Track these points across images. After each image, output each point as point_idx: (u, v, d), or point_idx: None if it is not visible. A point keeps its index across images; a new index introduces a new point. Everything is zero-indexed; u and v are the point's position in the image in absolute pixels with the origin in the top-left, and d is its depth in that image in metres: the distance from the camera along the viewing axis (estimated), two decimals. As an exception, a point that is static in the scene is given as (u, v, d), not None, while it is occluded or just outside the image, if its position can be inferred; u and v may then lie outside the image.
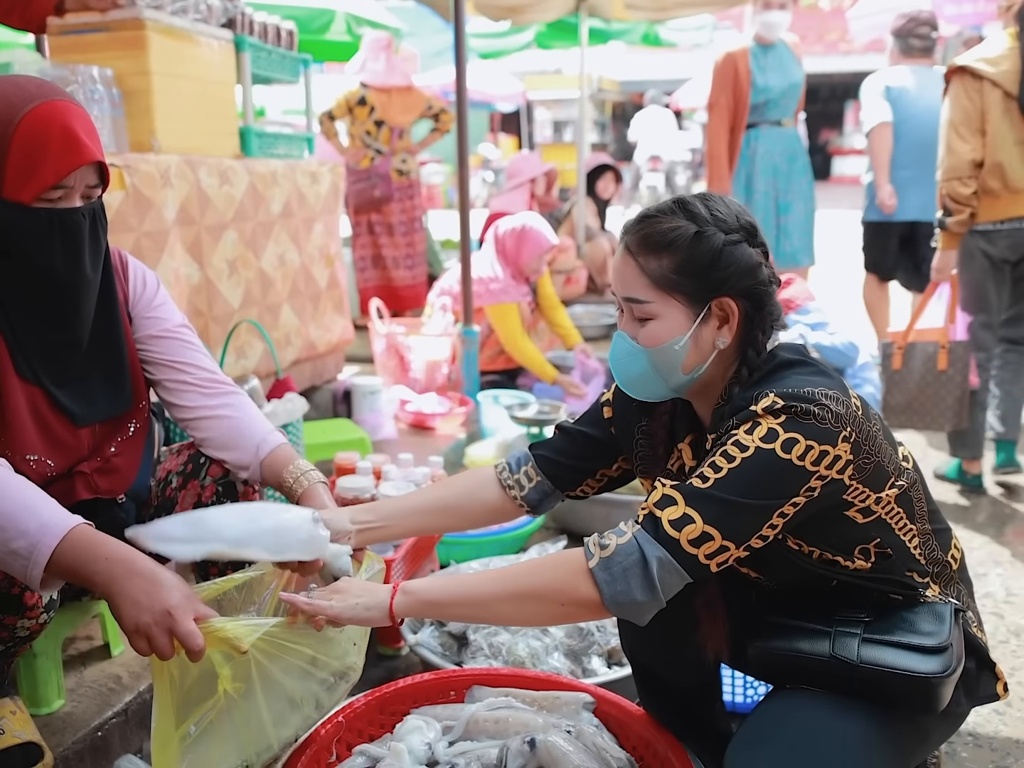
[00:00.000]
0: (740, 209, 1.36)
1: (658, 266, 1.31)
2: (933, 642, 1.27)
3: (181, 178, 2.75)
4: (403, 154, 5.80)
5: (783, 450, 1.22)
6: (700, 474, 1.26)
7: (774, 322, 1.36)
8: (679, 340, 1.32)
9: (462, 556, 2.60)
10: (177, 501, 1.72)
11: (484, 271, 4.18)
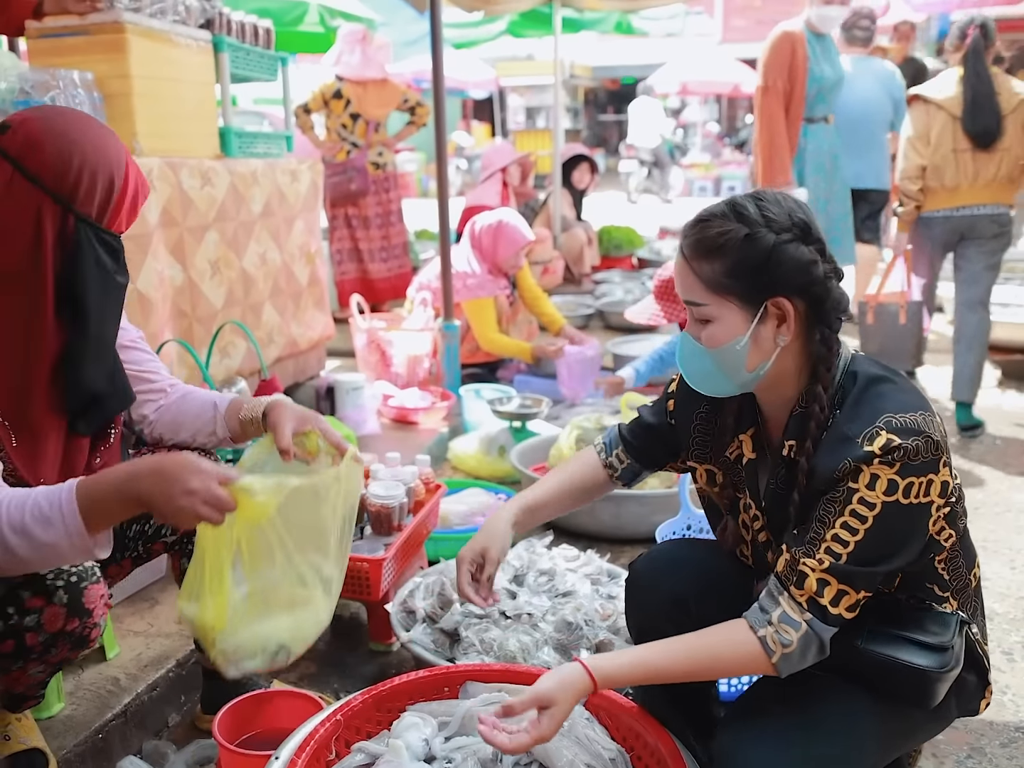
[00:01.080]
0: (794, 206, 1.34)
1: (711, 270, 1.33)
2: (935, 640, 1.32)
3: (163, 180, 2.76)
4: (379, 147, 5.80)
5: (905, 497, 1.26)
6: (836, 537, 1.28)
7: (839, 315, 1.36)
8: (739, 340, 1.34)
9: (450, 552, 2.64)
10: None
11: (461, 266, 4.21)
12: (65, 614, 1.39)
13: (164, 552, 1.82)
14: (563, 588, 2.12)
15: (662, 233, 8.81)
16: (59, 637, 1.39)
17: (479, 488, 2.98)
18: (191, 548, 1.73)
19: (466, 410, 3.88)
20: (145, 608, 2.21)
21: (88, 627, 1.42)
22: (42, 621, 1.38)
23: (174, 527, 1.74)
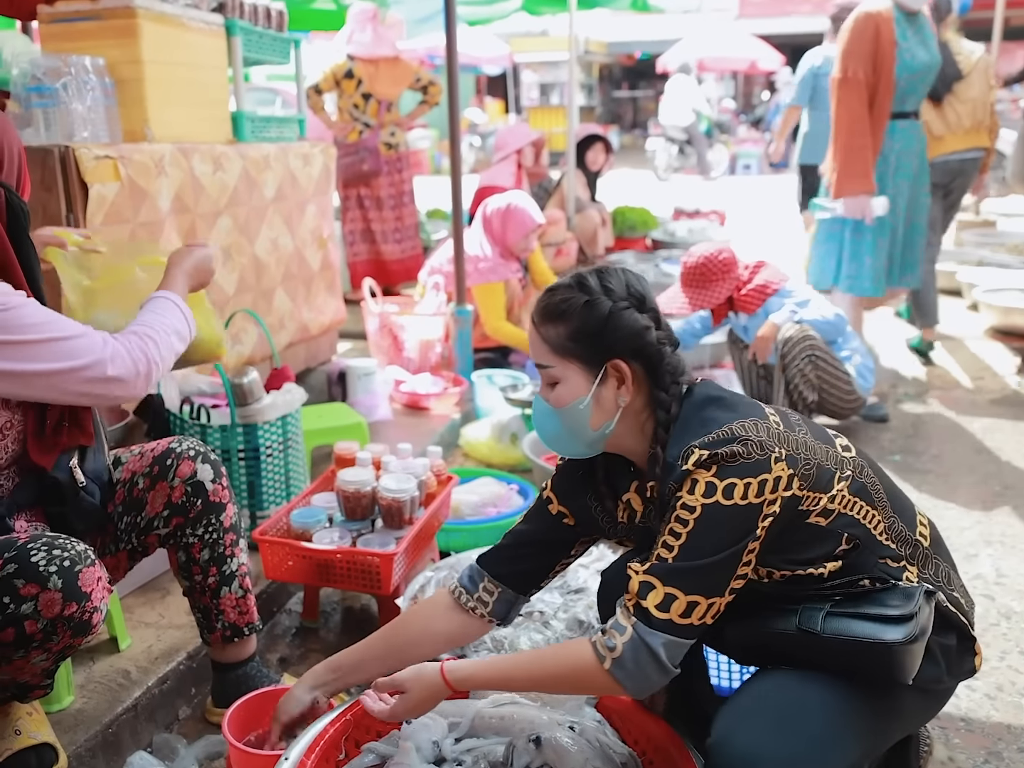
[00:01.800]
0: (633, 279, 1.46)
1: (556, 333, 1.43)
2: (896, 612, 1.32)
3: (175, 166, 2.73)
4: (391, 127, 5.75)
5: (726, 497, 1.31)
6: (663, 543, 1.34)
7: (676, 378, 1.44)
8: (582, 400, 1.43)
9: (461, 543, 2.64)
10: (147, 502, 1.77)
11: (473, 249, 4.18)
12: (62, 599, 1.37)
13: (159, 545, 1.82)
14: (575, 584, 2.10)
15: (677, 214, 8.72)
16: (58, 623, 1.38)
17: (491, 477, 2.97)
18: (185, 541, 1.77)
19: (478, 396, 3.86)
20: (156, 599, 2.22)
21: (87, 611, 1.40)
22: (39, 608, 1.36)
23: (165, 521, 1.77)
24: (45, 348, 1.46)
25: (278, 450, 2.47)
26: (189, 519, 1.78)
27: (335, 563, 2.12)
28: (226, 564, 1.83)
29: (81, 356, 1.49)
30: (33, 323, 1.45)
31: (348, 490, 2.20)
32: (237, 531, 1.87)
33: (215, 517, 1.81)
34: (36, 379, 1.46)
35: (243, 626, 1.87)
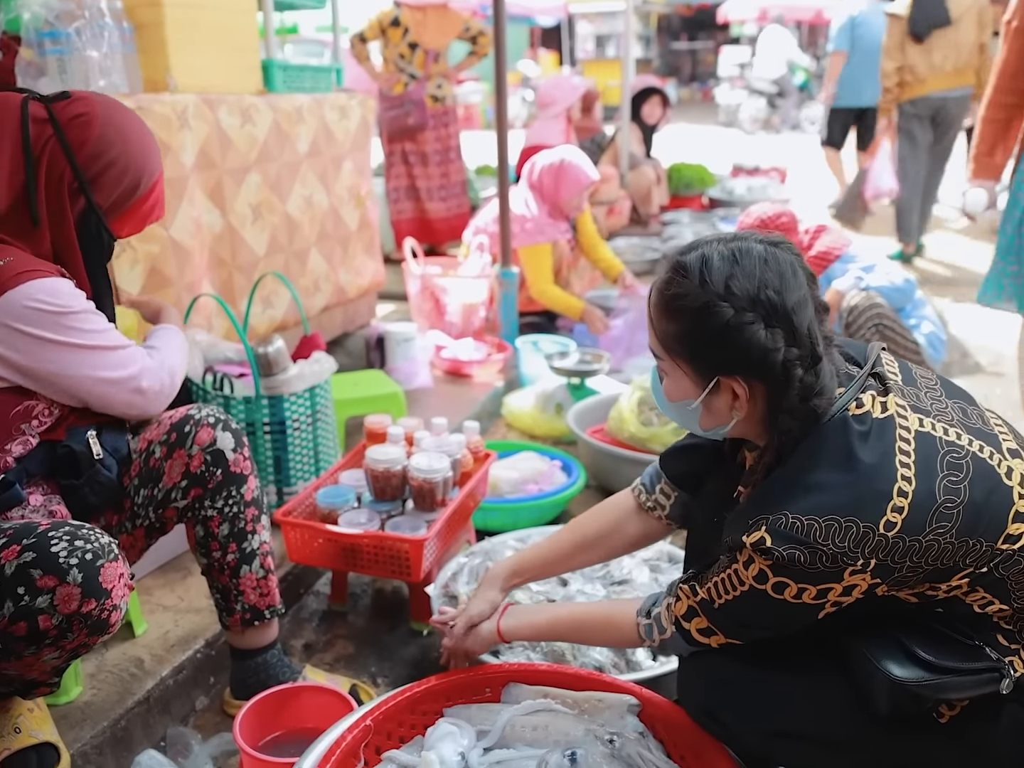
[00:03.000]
0: (772, 275, 1.19)
1: (665, 330, 1.26)
2: (930, 658, 1.19)
3: (199, 119, 2.58)
4: (438, 79, 5.53)
5: (775, 591, 1.20)
6: (715, 583, 1.28)
7: (809, 398, 1.21)
8: (690, 403, 1.29)
9: (498, 523, 2.49)
10: (164, 471, 1.66)
11: (519, 209, 3.98)
12: (80, 594, 1.26)
13: (177, 520, 1.70)
14: (619, 575, 1.94)
15: (735, 171, 8.37)
16: (75, 620, 1.27)
17: (533, 452, 2.81)
18: (204, 514, 1.66)
19: (523, 363, 3.68)
20: (177, 580, 2.10)
21: (106, 609, 1.29)
22: (55, 602, 1.25)
23: (183, 492, 1.67)
24: (100, 356, 1.48)
25: (306, 423, 2.33)
26: (208, 490, 1.66)
27: (362, 547, 1.98)
28: (247, 541, 1.71)
29: (128, 367, 1.53)
30: (92, 329, 1.47)
31: (377, 469, 2.05)
32: (259, 506, 1.74)
33: (236, 489, 1.69)
34: (83, 383, 1.48)
35: (264, 609, 1.74)
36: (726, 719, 1.34)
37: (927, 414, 1.22)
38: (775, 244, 1.23)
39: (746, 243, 1.22)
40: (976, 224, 6.01)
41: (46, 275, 1.42)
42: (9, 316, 1.38)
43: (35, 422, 1.47)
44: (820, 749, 1.29)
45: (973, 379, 3.81)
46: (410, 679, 1.91)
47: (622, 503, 1.62)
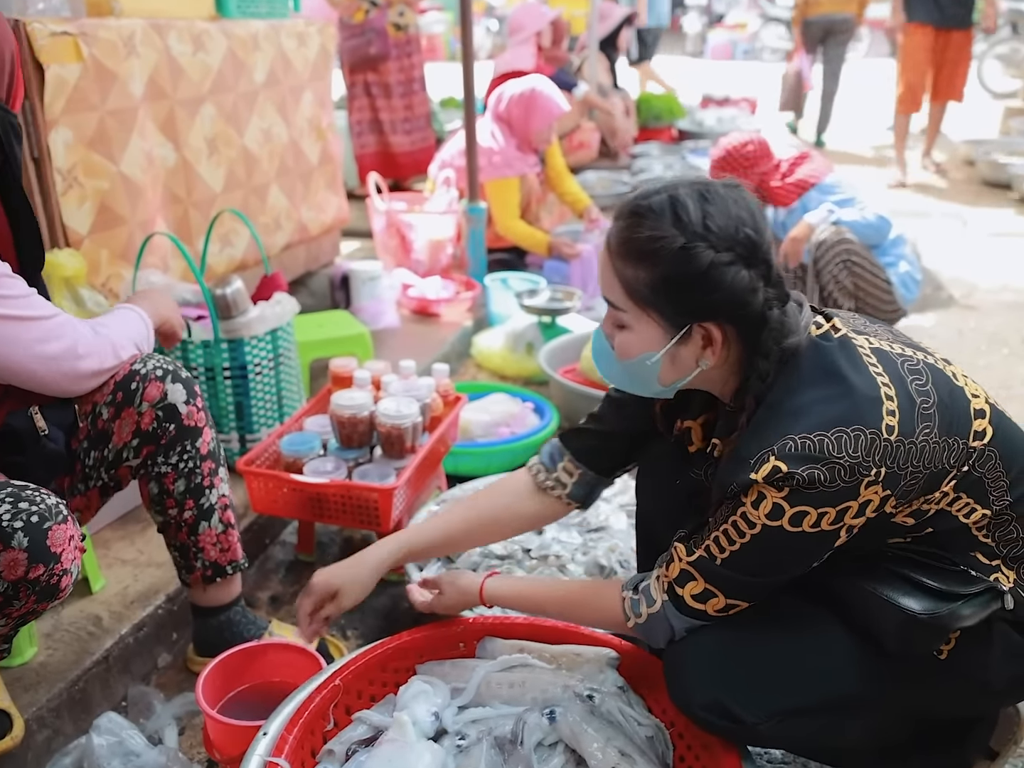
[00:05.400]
0: (746, 213, 1.14)
1: (635, 276, 1.16)
2: (935, 585, 1.17)
3: (148, 46, 2.41)
4: (400, 6, 5.29)
5: (792, 524, 1.12)
6: (714, 539, 1.19)
7: (781, 340, 1.16)
8: (651, 356, 1.20)
9: (470, 467, 2.43)
10: (112, 432, 1.57)
11: (486, 141, 3.84)
12: (27, 559, 1.19)
13: (132, 478, 1.62)
14: (595, 522, 1.89)
15: (705, 102, 8.22)
16: (21, 586, 1.20)
17: (504, 394, 2.74)
18: (156, 471, 1.58)
19: (492, 301, 3.59)
20: (136, 532, 2.02)
21: (55, 574, 1.22)
22: (0, 568, 1.17)
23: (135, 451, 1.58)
24: (24, 328, 1.35)
25: (268, 368, 2.23)
26: (161, 446, 1.57)
27: (329, 497, 1.91)
28: (204, 496, 1.63)
29: (61, 338, 1.40)
30: (8, 296, 1.33)
31: (343, 415, 1.97)
32: (216, 458, 1.65)
33: (190, 443, 1.60)
34: (11, 360, 1.35)
35: (225, 565, 1.67)
36: (733, 711, 1.19)
37: (869, 335, 1.22)
38: (734, 187, 1.18)
39: (710, 185, 1.17)
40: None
41: None
42: None
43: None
44: (830, 719, 1.24)
45: (948, 312, 3.80)
46: (382, 632, 1.87)
47: (518, 482, 1.52)
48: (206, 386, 2.20)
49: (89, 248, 2.24)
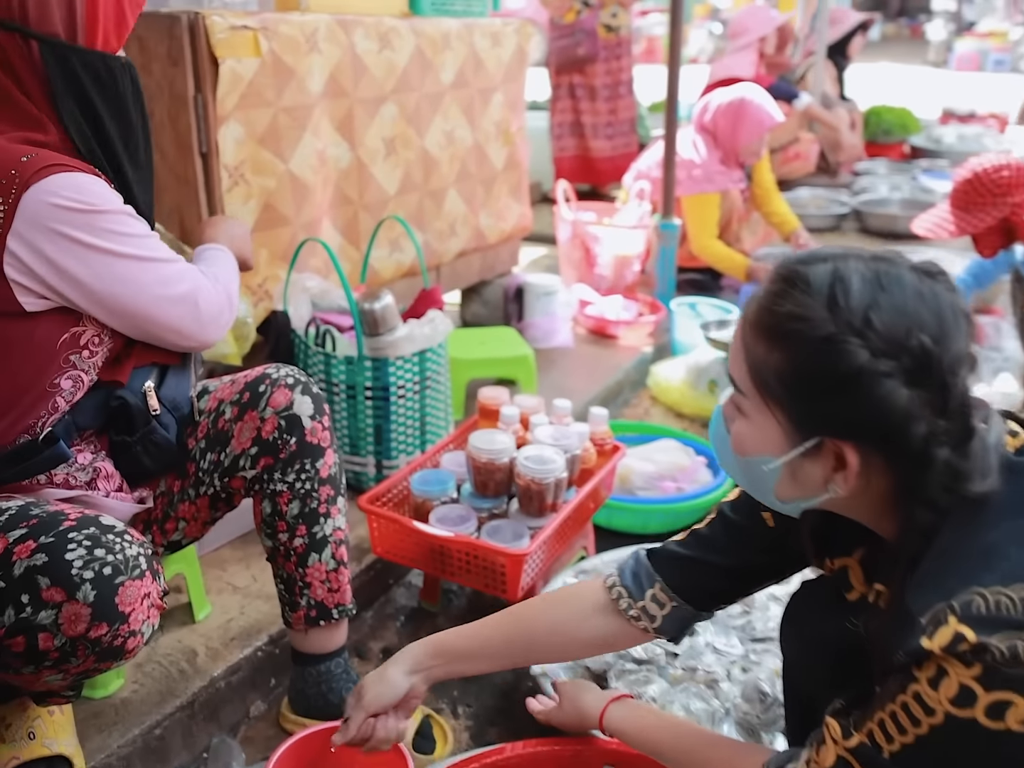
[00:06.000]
0: (933, 319, 0.85)
1: (764, 359, 0.91)
2: None
3: (331, 42, 2.30)
4: (614, 7, 5.06)
5: (991, 718, 0.78)
6: (880, 723, 0.86)
7: (952, 490, 0.86)
8: (768, 461, 0.94)
9: (625, 523, 2.16)
10: (232, 434, 1.44)
11: (687, 153, 3.52)
12: (89, 616, 1.05)
13: (245, 493, 1.48)
14: (761, 628, 1.57)
15: (945, 117, 7.43)
16: (80, 644, 1.06)
17: (675, 441, 2.44)
18: (271, 487, 1.43)
19: (676, 328, 3.28)
20: (255, 556, 1.89)
21: (121, 635, 1.08)
22: (60, 621, 1.05)
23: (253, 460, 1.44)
24: (147, 268, 1.25)
25: (412, 391, 2.06)
26: (279, 460, 1.43)
27: (452, 553, 1.70)
28: (318, 524, 1.46)
29: (180, 282, 1.31)
30: (132, 234, 1.24)
31: (479, 460, 1.76)
32: (336, 485, 1.48)
33: (311, 463, 1.44)
34: (133, 298, 1.25)
35: (331, 607, 1.50)
36: None
37: None
38: (931, 275, 0.90)
39: (894, 267, 0.89)
40: None
41: (72, 170, 1.18)
42: (32, 218, 1.14)
43: (85, 352, 1.26)
44: None
45: None
46: (497, 713, 1.64)
47: (585, 598, 1.25)
48: (346, 405, 2.06)
49: (248, 248, 2.15)
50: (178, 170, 2.07)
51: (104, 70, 1.25)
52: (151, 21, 1.98)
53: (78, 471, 1.30)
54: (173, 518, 1.48)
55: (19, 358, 1.20)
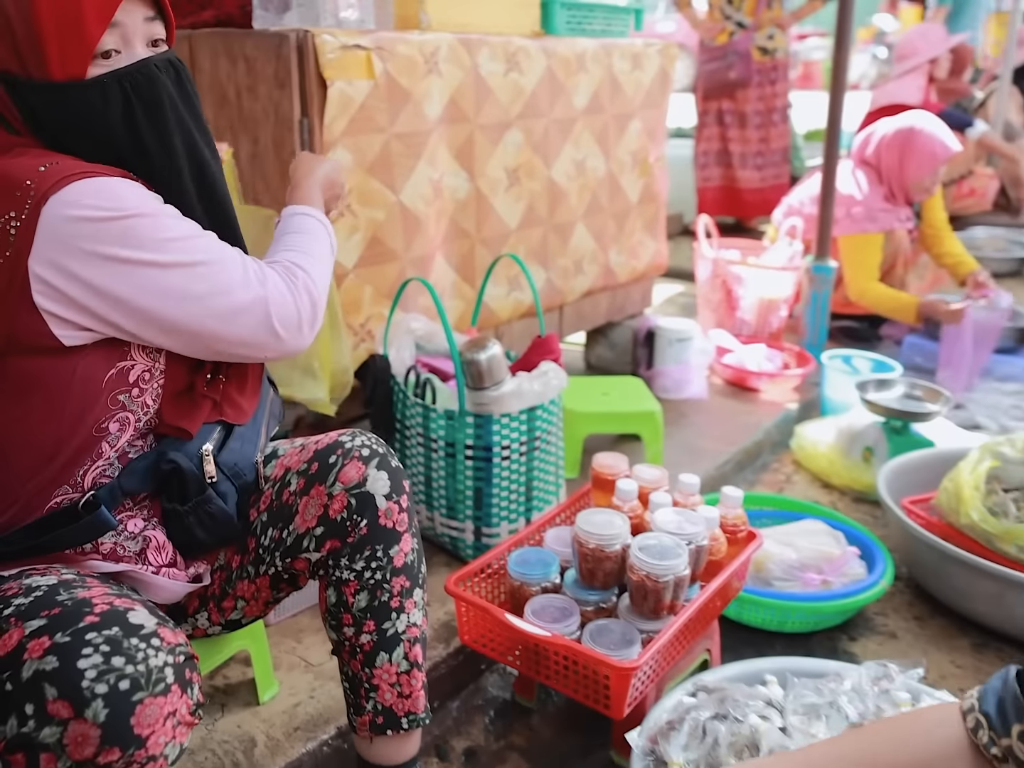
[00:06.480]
0: None
1: None
2: None
3: (453, 63, 2.12)
4: (770, 28, 4.73)
5: None
6: None
7: None
8: None
9: (758, 619, 1.85)
10: (297, 510, 1.24)
11: (847, 188, 3.17)
12: (99, 738, 0.86)
13: (309, 575, 1.28)
14: None
15: None
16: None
17: (822, 522, 2.10)
18: (337, 575, 1.23)
19: (827, 384, 2.92)
20: (333, 631, 1.70)
21: (136, 762, 0.89)
22: (65, 741, 0.86)
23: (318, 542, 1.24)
24: (187, 276, 1.06)
25: (518, 452, 1.82)
26: (347, 544, 1.22)
27: (549, 654, 1.45)
28: (389, 620, 1.24)
29: (240, 291, 1.11)
30: (170, 238, 1.05)
31: (587, 545, 1.50)
32: (414, 576, 1.26)
33: (383, 549, 1.22)
34: (175, 322, 1.07)
35: (401, 715, 1.27)
36: None
37: None
38: None
39: None
40: None
41: (97, 175, 1.01)
42: (55, 235, 0.98)
43: (135, 391, 1.10)
44: None
45: None
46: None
47: (939, 732, 0.93)
48: (444, 463, 1.85)
49: (352, 284, 1.98)
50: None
51: (72, 101, 1.04)
52: (259, 40, 1.85)
53: (127, 540, 1.14)
54: (231, 596, 1.30)
55: (60, 401, 1.05)
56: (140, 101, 1.07)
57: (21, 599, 0.93)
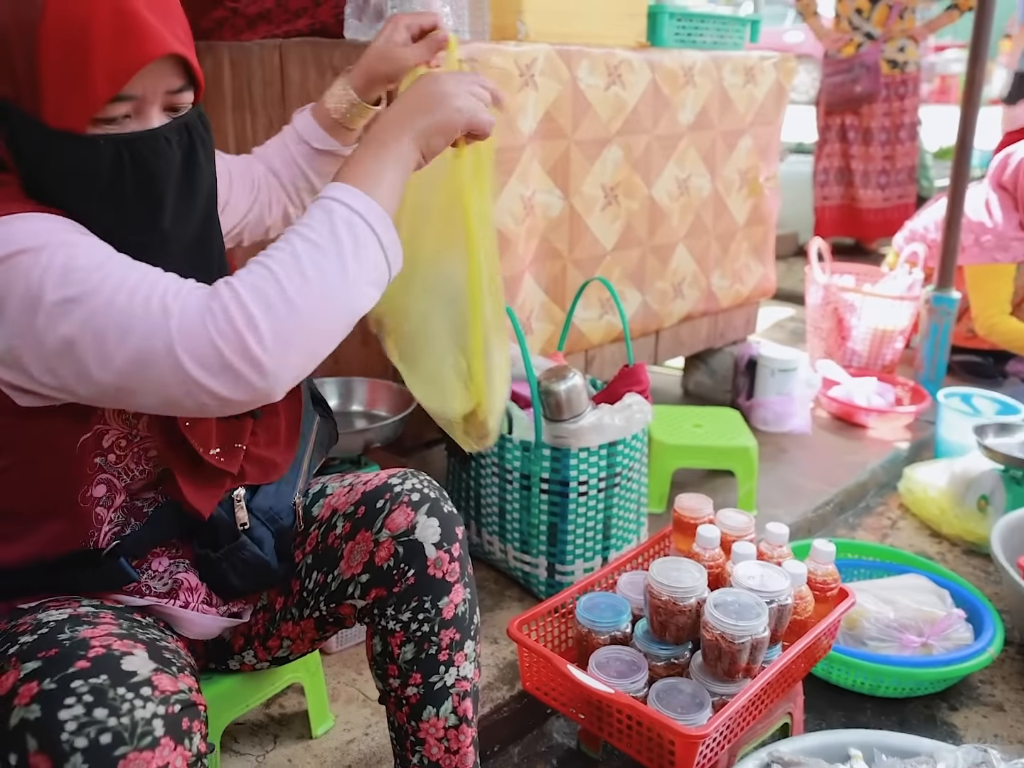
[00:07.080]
0: None
1: None
2: None
3: (550, 76, 2.05)
4: (902, 40, 4.49)
5: None
6: None
7: None
8: None
9: (849, 680, 1.71)
10: (342, 555, 1.18)
11: (977, 215, 2.94)
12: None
13: (355, 620, 1.22)
14: None
15: None
16: None
17: (926, 578, 1.93)
18: (382, 624, 1.16)
19: (943, 424, 2.72)
20: (394, 663, 1.65)
21: None
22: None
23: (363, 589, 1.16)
24: (102, 315, 0.84)
25: (596, 488, 1.74)
26: (393, 595, 1.15)
27: (612, 712, 1.35)
28: (437, 674, 1.17)
29: (145, 329, 0.85)
30: (72, 268, 0.85)
31: (660, 597, 1.40)
32: (465, 628, 1.19)
33: (431, 601, 1.15)
34: (92, 380, 0.87)
35: None
36: None
37: None
38: None
39: None
40: None
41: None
42: None
43: (111, 456, 1.02)
44: None
45: None
46: None
47: None
48: (519, 496, 1.77)
49: (435, 305, 1.93)
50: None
51: (57, 151, 0.90)
52: (348, 51, 1.83)
53: (151, 579, 1.09)
54: (276, 636, 1.25)
55: (43, 464, 0.99)
56: (135, 171, 0.92)
57: (27, 637, 0.89)
